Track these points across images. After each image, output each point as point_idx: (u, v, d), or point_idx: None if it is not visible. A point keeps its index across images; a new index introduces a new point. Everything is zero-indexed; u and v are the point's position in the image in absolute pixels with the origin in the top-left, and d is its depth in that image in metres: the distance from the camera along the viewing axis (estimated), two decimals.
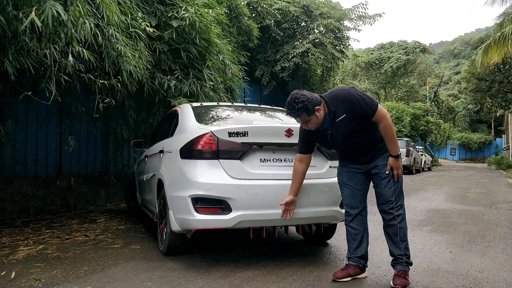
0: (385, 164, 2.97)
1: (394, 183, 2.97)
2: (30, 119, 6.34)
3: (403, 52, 32.86)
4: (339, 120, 2.93)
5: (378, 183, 3.02)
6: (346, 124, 2.93)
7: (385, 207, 2.99)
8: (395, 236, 2.96)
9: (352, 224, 3.11)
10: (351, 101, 2.89)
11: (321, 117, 2.92)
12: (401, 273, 2.91)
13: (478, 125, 50.56)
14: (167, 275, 3.15)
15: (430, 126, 26.76)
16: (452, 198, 8.59)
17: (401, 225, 2.96)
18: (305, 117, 2.89)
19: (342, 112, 2.91)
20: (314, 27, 12.24)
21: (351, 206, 3.12)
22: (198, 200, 3.21)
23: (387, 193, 2.97)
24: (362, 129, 2.97)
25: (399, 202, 2.98)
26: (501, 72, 25.27)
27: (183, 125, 3.86)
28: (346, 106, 2.89)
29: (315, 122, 2.93)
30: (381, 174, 2.99)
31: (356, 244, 3.09)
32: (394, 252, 2.98)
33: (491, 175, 17.84)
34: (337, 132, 2.98)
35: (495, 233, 4.93)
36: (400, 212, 2.97)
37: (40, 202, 6.32)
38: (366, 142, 3.01)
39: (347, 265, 3.10)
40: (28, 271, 3.25)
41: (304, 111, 2.85)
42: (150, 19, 5.35)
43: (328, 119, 2.95)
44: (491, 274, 3.27)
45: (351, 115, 2.90)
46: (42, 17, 3.12)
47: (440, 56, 78.75)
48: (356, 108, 2.88)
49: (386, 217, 3.00)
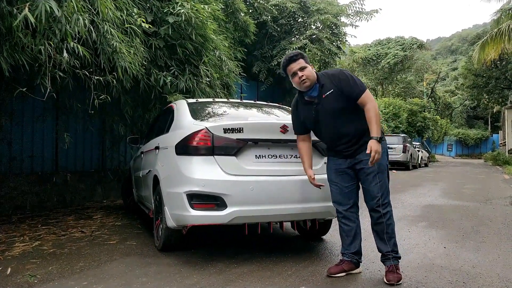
0: (368, 159, 2.89)
1: (380, 179, 2.95)
2: (26, 116, 6.33)
3: (400, 48, 32.88)
4: (326, 95, 2.99)
5: (364, 178, 3.02)
6: (332, 101, 2.98)
7: (372, 204, 2.99)
8: (383, 233, 2.97)
9: (344, 221, 3.13)
10: (340, 77, 3.00)
11: (314, 75, 3.04)
12: (392, 268, 2.94)
13: (475, 121, 50.71)
14: (162, 270, 3.17)
15: (427, 122, 26.83)
16: (448, 194, 8.63)
17: (388, 222, 2.97)
18: (303, 62, 3.03)
19: (330, 87, 2.99)
20: (311, 23, 12.22)
21: (339, 203, 3.14)
22: (193, 196, 3.21)
23: (373, 189, 2.96)
24: (347, 113, 2.99)
25: (386, 199, 2.97)
26: (498, 68, 25.33)
27: (178, 121, 3.86)
28: (335, 81, 2.98)
29: (310, 74, 3.02)
30: (365, 169, 2.98)
31: (350, 240, 3.11)
32: (383, 249, 3.00)
33: (487, 171, 17.92)
34: (323, 108, 3.02)
35: (490, 228, 4.96)
36: (387, 210, 2.96)
37: (36, 199, 6.32)
38: (351, 131, 3.00)
39: (342, 260, 3.12)
40: (24, 267, 3.26)
41: (302, 58, 3.05)
42: (145, 15, 5.33)
43: (317, 87, 3.03)
44: (484, 269, 3.30)
45: (338, 92, 2.96)
46: (36, 12, 3.12)
47: (437, 52, 78.83)
48: (345, 84, 2.95)
49: (374, 215, 3.01)
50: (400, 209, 6.46)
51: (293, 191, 3.36)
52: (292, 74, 3.06)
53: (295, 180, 3.40)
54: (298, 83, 3.06)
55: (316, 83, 3.05)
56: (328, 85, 3.00)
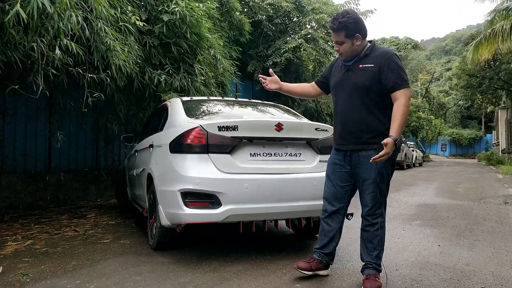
0: (369, 165, 2.71)
1: (375, 188, 2.73)
2: (18, 114, 6.27)
3: (395, 48, 33.00)
4: (363, 66, 2.74)
5: (360, 184, 2.83)
6: (364, 75, 2.73)
7: (364, 211, 2.83)
8: (368, 242, 2.79)
9: (327, 220, 2.96)
10: (390, 59, 2.70)
11: (356, 48, 2.76)
12: (370, 276, 2.72)
13: (468, 121, 51.01)
14: (156, 269, 3.15)
15: (421, 122, 26.95)
16: (442, 193, 8.67)
17: (376, 232, 2.77)
18: (342, 36, 2.73)
19: (372, 61, 2.73)
20: (306, 22, 12.24)
21: (329, 202, 2.96)
22: (187, 194, 3.19)
23: (366, 198, 2.78)
24: (371, 97, 2.74)
25: (378, 210, 2.77)
26: (491, 69, 25.44)
27: (172, 119, 3.84)
28: (382, 60, 2.70)
29: (347, 49, 2.76)
30: (362, 174, 2.77)
31: (326, 240, 2.95)
32: (364, 257, 2.82)
33: (481, 170, 18.03)
34: (352, 76, 2.79)
35: (483, 227, 4.98)
36: (377, 220, 2.77)
37: (29, 198, 6.27)
38: (364, 120, 2.75)
39: (312, 258, 3.00)
40: (16, 266, 3.22)
41: (344, 30, 2.71)
42: (140, 13, 5.31)
43: (356, 58, 2.80)
44: (478, 267, 3.31)
45: (377, 71, 2.69)
46: (28, 9, 3.09)
47: (431, 52, 79.17)
48: (389, 68, 2.67)
49: (364, 221, 2.84)
50: (394, 208, 6.47)
51: (288, 189, 3.35)
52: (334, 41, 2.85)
53: (290, 178, 3.39)
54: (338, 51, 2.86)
55: (358, 56, 2.79)
56: (373, 59, 2.74)
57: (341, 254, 3.63)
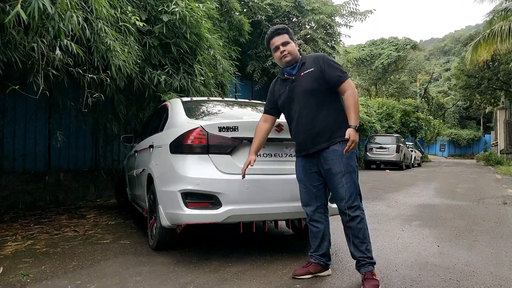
0: (336, 159, 2.81)
1: (347, 180, 2.79)
2: (18, 114, 6.27)
3: (394, 49, 33.01)
4: (304, 73, 2.94)
5: (331, 179, 2.87)
6: (309, 80, 2.90)
7: (340, 206, 2.84)
8: (354, 238, 2.81)
9: (312, 223, 3.03)
10: (326, 59, 2.96)
11: (297, 52, 3.04)
12: (367, 275, 2.75)
13: (467, 122, 51.11)
14: (156, 269, 3.15)
15: (420, 122, 26.96)
16: (441, 194, 8.68)
17: (359, 226, 2.79)
18: (287, 37, 3.02)
19: (311, 66, 2.94)
20: (306, 23, 12.25)
21: (306, 204, 3.04)
22: (188, 195, 3.20)
23: (340, 191, 2.81)
24: (321, 98, 2.89)
25: (354, 202, 2.80)
26: (490, 69, 25.50)
27: (173, 119, 3.84)
28: (319, 62, 2.93)
29: (292, 50, 3.00)
30: (333, 169, 2.82)
31: (318, 242, 3.01)
32: (356, 254, 2.83)
33: (479, 171, 18.06)
34: (299, 85, 2.94)
35: (483, 227, 5.00)
36: (356, 214, 2.79)
37: (28, 198, 6.27)
38: (321, 120, 2.87)
39: (309, 262, 3.04)
40: (16, 267, 3.22)
41: (287, 33, 3.04)
42: (140, 13, 5.31)
43: (298, 65, 3.00)
44: (477, 267, 3.32)
45: (319, 73, 2.89)
46: (29, 9, 3.09)
47: (430, 53, 79.29)
48: (328, 66, 2.90)
49: (343, 218, 2.85)
50: (393, 208, 6.49)
51: (288, 189, 3.35)
52: (274, 48, 3.04)
53: (290, 179, 3.38)
54: (279, 58, 3.03)
55: (297, 62, 3.01)
56: (310, 64, 2.95)
57: (341, 255, 3.64)
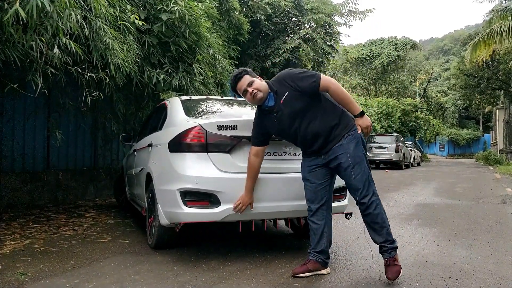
0: (343, 153, 2.89)
1: (358, 171, 2.88)
2: (17, 113, 6.26)
3: (393, 48, 33.07)
4: (283, 100, 2.94)
5: (343, 174, 2.96)
6: (291, 103, 2.92)
7: (356, 197, 2.92)
8: (374, 224, 2.90)
9: (313, 219, 3.06)
10: (290, 75, 2.95)
11: (265, 85, 2.99)
12: (390, 261, 2.88)
13: (466, 121, 51.14)
14: (155, 268, 3.14)
15: (419, 122, 27.01)
16: (440, 193, 8.68)
17: (376, 211, 2.89)
18: (249, 77, 3.00)
19: (284, 90, 2.94)
20: (305, 22, 12.24)
21: (312, 201, 3.07)
22: (186, 193, 3.19)
23: (355, 183, 2.89)
24: (310, 110, 2.92)
25: (369, 189, 2.90)
26: (489, 69, 25.49)
27: (171, 118, 3.83)
28: (288, 82, 2.93)
29: (259, 85, 2.97)
30: (342, 164, 2.90)
31: (317, 239, 3.03)
32: (377, 240, 2.93)
33: (479, 170, 18.07)
34: (284, 114, 2.96)
35: (482, 226, 5.00)
36: (372, 199, 2.89)
37: (27, 197, 6.25)
38: (319, 128, 2.93)
39: (307, 260, 3.04)
40: (15, 265, 3.21)
41: (246, 74, 3.02)
42: (139, 12, 5.29)
43: (272, 95, 2.99)
44: (477, 266, 3.32)
45: (294, 92, 2.90)
46: (27, 8, 3.08)
47: (430, 52, 79.27)
48: (298, 79, 2.90)
49: (361, 207, 2.93)
50: (393, 207, 6.48)
51: (287, 188, 3.35)
52: (243, 92, 3.02)
53: (289, 178, 3.39)
54: (251, 99, 3.00)
55: (270, 92, 2.99)
56: (282, 89, 2.95)
57: (340, 254, 3.64)
